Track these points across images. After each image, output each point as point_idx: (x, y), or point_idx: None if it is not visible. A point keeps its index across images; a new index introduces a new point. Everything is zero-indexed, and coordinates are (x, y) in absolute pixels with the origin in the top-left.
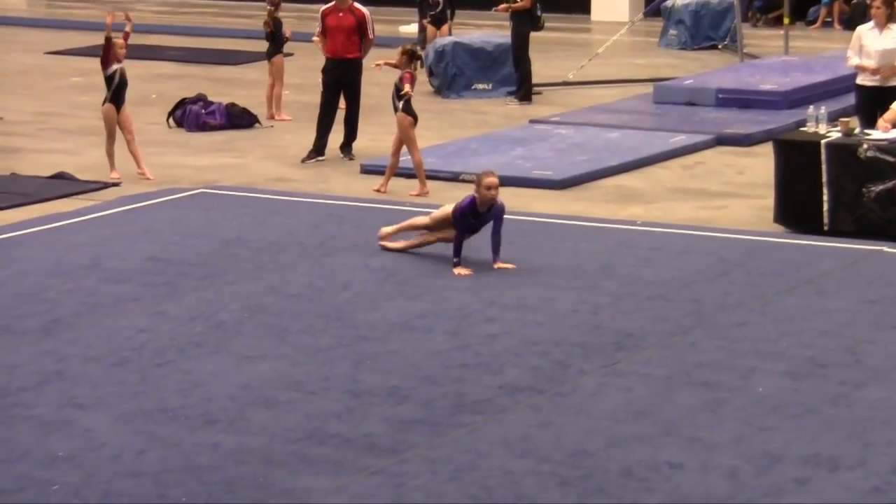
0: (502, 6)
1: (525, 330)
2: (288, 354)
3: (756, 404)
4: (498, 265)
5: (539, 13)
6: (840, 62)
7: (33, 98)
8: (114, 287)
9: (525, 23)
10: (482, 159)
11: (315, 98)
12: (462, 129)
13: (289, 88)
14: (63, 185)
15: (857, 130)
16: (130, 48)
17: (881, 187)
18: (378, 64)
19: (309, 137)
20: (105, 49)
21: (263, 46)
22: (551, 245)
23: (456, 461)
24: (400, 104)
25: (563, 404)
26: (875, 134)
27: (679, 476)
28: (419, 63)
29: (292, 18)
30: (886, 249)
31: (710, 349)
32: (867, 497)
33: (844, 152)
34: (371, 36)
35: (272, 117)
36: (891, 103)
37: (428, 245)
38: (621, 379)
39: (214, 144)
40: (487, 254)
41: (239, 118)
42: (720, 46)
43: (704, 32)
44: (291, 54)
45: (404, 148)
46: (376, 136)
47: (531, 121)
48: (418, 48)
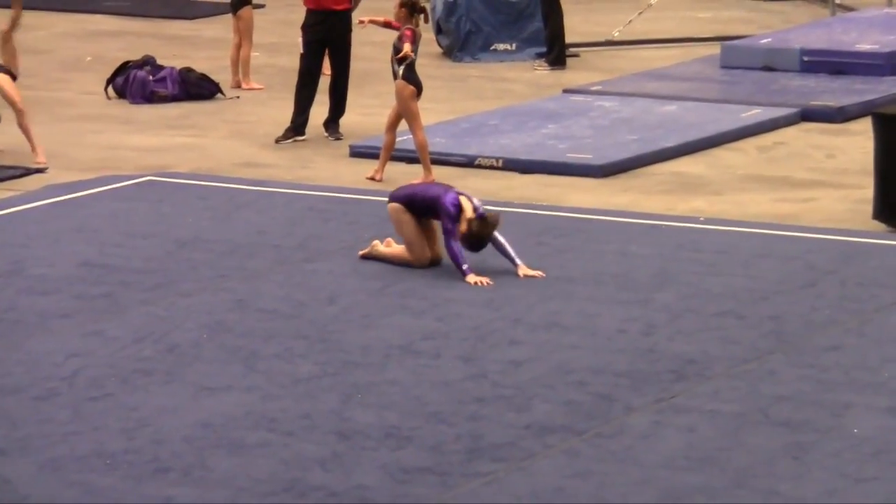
0: None
1: (558, 355)
2: (259, 385)
3: (851, 449)
4: (523, 272)
5: None
6: None
7: None
8: (39, 300)
9: None
10: (504, 138)
11: (294, 62)
12: (479, 101)
13: (259, 49)
14: None
15: None
16: None
17: None
18: (362, 21)
19: (286, 111)
20: None
21: None
22: (591, 248)
23: None
24: (400, 69)
25: (607, 449)
26: None
27: None
28: (423, 17)
29: None
30: None
31: (793, 379)
32: None
33: None
34: None
35: (238, 85)
36: None
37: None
38: (680, 417)
39: (165, 120)
40: (501, 256)
41: (196, 87)
42: None
43: None
44: (263, 5)
45: (403, 125)
46: (370, 110)
47: (566, 90)
48: None
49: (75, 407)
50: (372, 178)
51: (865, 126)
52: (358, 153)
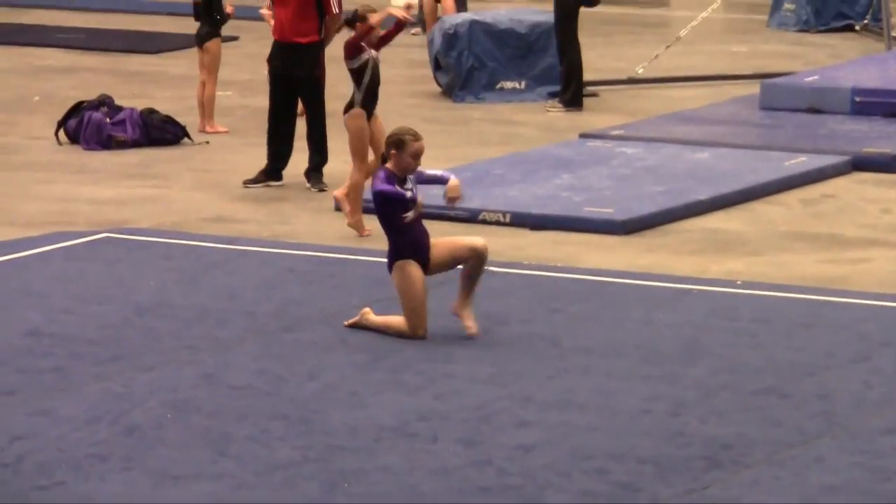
0: None
1: (573, 438)
2: (230, 472)
3: None
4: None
5: None
6: None
7: None
8: None
9: None
10: (512, 190)
11: (267, 101)
12: (483, 147)
13: (231, 87)
14: None
15: None
16: (1, 29)
17: None
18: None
19: (261, 159)
20: None
21: (193, 27)
22: (612, 315)
23: None
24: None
25: None
26: None
27: None
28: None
29: None
30: None
31: (845, 467)
32: None
33: None
34: (335, 10)
35: (206, 129)
36: None
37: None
38: None
39: (124, 168)
40: (511, 325)
41: (159, 130)
42: (858, 28)
43: (835, 7)
44: (236, 38)
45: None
46: None
47: (582, 135)
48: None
49: (21, 497)
50: (356, 228)
51: None
52: None
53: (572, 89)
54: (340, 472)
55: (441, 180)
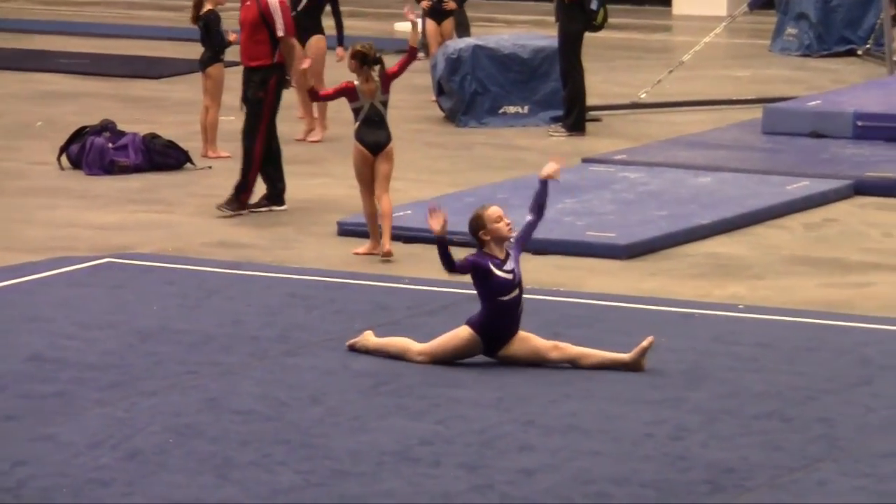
0: None
1: (576, 462)
2: (233, 498)
3: None
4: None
5: (595, 5)
6: None
7: None
8: None
9: (575, 18)
10: (516, 214)
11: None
12: (486, 172)
13: (234, 112)
14: None
15: None
16: (5, 55)
17: None
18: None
19: (263, 182)
20: None
21: (197, 52)
22: (614, 339)
23: None
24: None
25: None
26: None
27: None
28: (377, 68)
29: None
30: None
31: (848, 490)
32: None
33: None
34: (280, 33)
35: (208, 154)
36: None
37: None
38: None
39: (127, 193)
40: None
41: (162, 155)
42: (860, 52)
43: (838, 32)
44: (237, 63)
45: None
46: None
47: (585, 159)
48: (372, 48)
49: None
50: (362, 254)
51: None
52: (347, 231)
53: (575, 114)
54: (343, 497)
55: (540, 193)
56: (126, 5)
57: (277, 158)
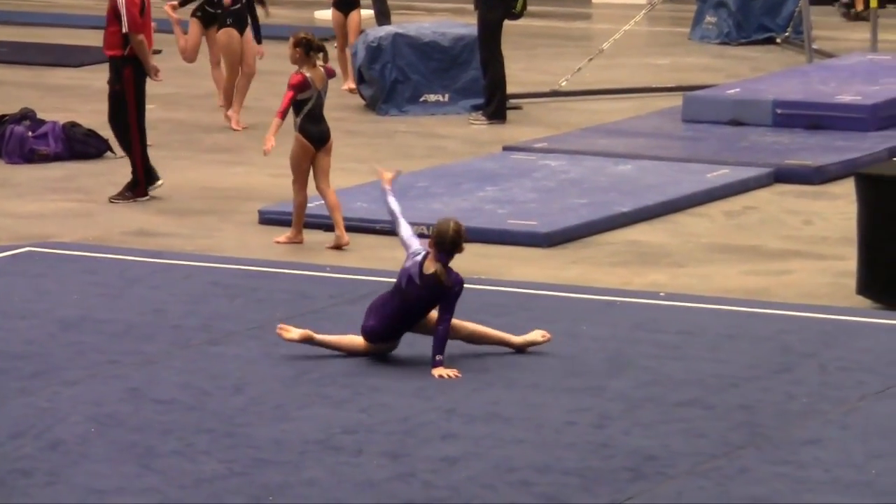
0: None
1: (498, 451)
2: (156, 487)
3: None
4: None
5: None
6: None
7: None
8: None
9: (495, 7)
10: (436, 202)
11: (193, 115)
12: (407, 160)
13: (154, 101)
14: None
15: None
16: None
17: None
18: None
19: (185, 172)
20: None
21: None
22: (536, 327)
23: None
24: (297, 119)
25: None
26: None
27: None
28: (322, 56)
29: None
30: None
31: (768, 478)
32: None
33: None
34: (125, 29)
35: None
36: None
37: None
38: None
39: (47, 182)
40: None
41: (82, 144)
42: (779, 40)
43: (756, 20)
44: (159, 51)
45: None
46: (281, 171)
47: (506, 147)
48: (313, 36)
49: None
50: (280, 242)
51: (847, 188)
52: (268, 220)
53: (496, 102)
54: (266, 486)
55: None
56: None
57: (128, 144)
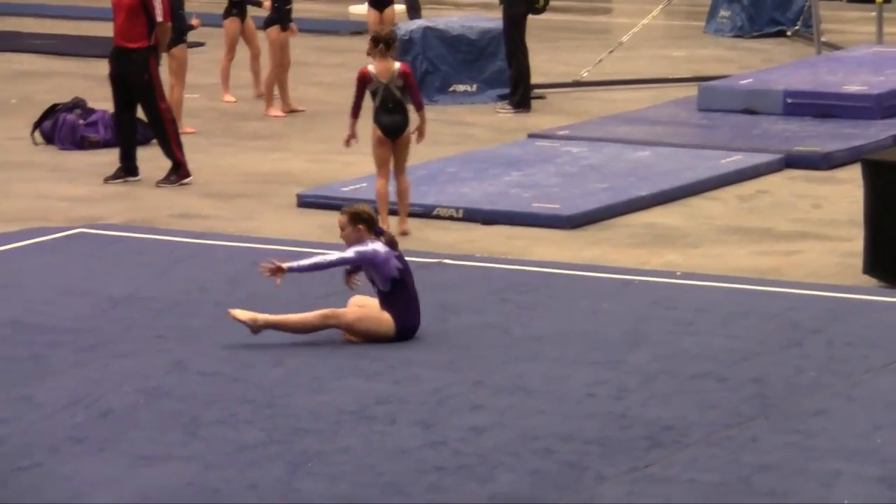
0: None
1: (523, 420)
2: (200, 454)
3: None
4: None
5: None
6: None
7: None
8: None
9: (518, 2)
10: (464, 187)
11: (235, 105)
12: (436, 147)
13: (199, 91)
14: None
15: None
16: None
17: None
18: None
19: (227, 157)
20: None
21: None
22: (559, 305)
23: None
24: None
25: None
26: None
27: None
28: (383, 48)
29: None
30: None
31: (778, 446)
32: None
33: None
34: (159, 17)
35: None
36: None
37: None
38: (656, 487)
39: (97, 167)
40: (464, 315)
41: None
42: (790, 33)
43: (768, 14)
44: (202, 44)
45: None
46: (317, 156)
47: (531, 135)
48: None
49: (2, 478)
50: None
51: (854, 173)
52: (306, 203)
53: (521, 92)
54: (303, 453)
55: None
56: None
57: (130, 129)
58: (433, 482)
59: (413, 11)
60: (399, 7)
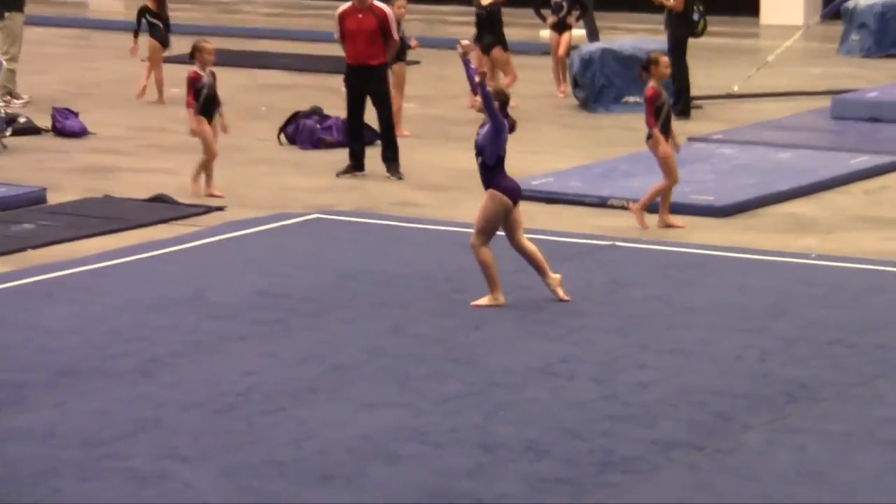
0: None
1: (681, 378)
2: (411, 402)
3: None
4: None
5: (697, 17)
6: None
7: (129, 111)
8: (218, 324)
9: (681, 27)
10: (634, 182)
11: (446, 111)
12: (612, 148)
13: (414, 101)
14: (162, 210)
15: None
16: (236, 55)
17: None
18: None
19: (437, 156)
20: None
21: None
22: (712, 281)
23: None
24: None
25: (725, 463)
26: None
27: None
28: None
29: (418, 21)
30: None
31: None
32: None
33: None
34: (396, 36)
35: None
36: None
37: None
38: (793, 436)
39: (331, 164)
40: (632, 288)
41: None
42: None
43: (892, 37)
44: (418, 62)
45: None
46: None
47: (690, 139)
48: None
49: (250, 420)
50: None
51: None
52: None
53: (682, 102)
54: (497, 403)
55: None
56: (329, 17)
57: (360, 132)
58: (605, 428)
59: (592, 36)
60: (578, 32)
